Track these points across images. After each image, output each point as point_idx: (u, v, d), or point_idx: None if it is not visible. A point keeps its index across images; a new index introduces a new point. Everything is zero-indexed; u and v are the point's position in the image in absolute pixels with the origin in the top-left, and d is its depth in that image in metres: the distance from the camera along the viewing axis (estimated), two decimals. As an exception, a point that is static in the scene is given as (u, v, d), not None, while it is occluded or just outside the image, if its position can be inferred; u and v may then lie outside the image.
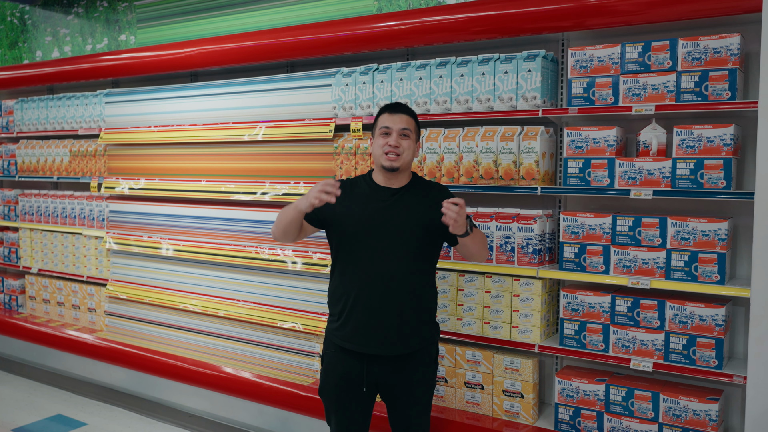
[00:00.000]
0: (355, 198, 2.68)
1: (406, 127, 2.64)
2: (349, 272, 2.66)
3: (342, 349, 2.68)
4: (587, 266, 2.97)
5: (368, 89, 3.50)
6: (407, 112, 2.68)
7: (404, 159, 2.63)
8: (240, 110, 4.05)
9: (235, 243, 4.06)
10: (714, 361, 2.73)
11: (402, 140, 2.62)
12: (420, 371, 2.71)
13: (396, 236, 2.60)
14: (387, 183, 2.69)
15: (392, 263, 2.60)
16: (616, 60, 2.89)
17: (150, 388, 4.40)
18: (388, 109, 2.67)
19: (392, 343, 2.62)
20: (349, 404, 2.71)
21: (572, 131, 2.99)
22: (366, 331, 2.62)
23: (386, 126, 2.63)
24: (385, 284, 2.60)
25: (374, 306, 2.61)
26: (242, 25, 4.34)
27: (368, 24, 3.52)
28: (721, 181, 2.69)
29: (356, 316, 2.63)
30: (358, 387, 2.67)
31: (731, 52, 2.67)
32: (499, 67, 3.14)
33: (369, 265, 2.61)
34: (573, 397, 3.03)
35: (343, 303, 2.67)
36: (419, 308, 2.68)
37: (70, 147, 4.95)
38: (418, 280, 2.66)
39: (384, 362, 2.65)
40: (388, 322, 2.61)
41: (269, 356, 3.95)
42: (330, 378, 2.73)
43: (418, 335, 2.68)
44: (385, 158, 2.61)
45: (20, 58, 5.74)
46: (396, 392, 2.70)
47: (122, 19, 5.01)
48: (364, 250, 2.61)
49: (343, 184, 2.71)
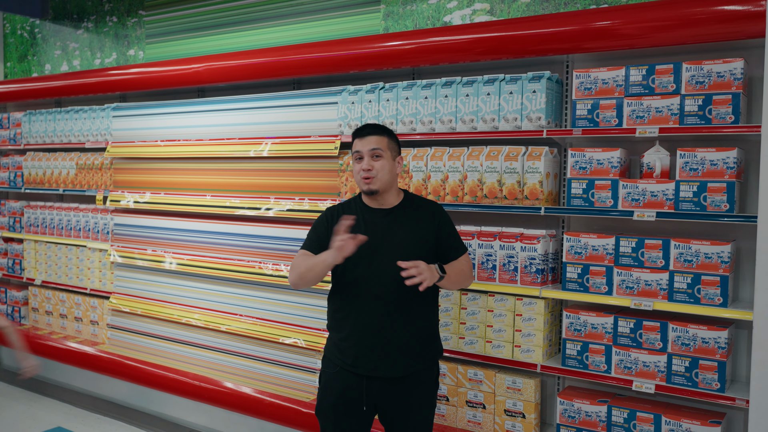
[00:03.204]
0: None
1: (375, 147, 2.62)
2: (348, 295, 2.65)
3: (341, 369, 2.67)
4: (590, 287, 2.98)
5: (374, 107, 3.53)
6: (376, 132, 2.66)
7: (381, 179, 2.62)
8: (246, 126, 4.08)
9: (239, 258, 4.07)
10: (716, 383, 2.72)
11: (374, 162, 2.61)
12: (421, 393, 2.69)
13: (389, 257, 2.56)
14: (377, 204, 2.70)
15: (386, 284, 2.59)
16: (620, 82, 2.92)
17: (151, 401, 4.39)
18: (357, 134, 2.68)
19: (393, 365, 2.62)
20: (347, 424, 2.69)
21: (576, 152, 3.01)
22: (366, 352, 2.61)
23: (357, 150, 2.65)
24: (383, 306, 2.59)
25: (374, 328, 2.60)
26: (249, 42, 4.39)
27: (375, 43, 3.56)
28: (724, 204, 2.70)
29: (356, 338, 2.63)
30: (356, 406, 2.65)
31: (735, 76, 2.69)
32: (505, 87, 3.16)
33: (365, 287, 2.61)
34: (575, 417, 3.02)
35: (343, 325, 2.67)
36: (419, 329, 2.67)
37: (77, 160, 4.98)
38: (416, 301, 2.63)
39: (384, 383, 2.63)
40: (388, 343, 2.60)
41: (270, 372, 3.95)
42: (327, 397, 2.71)
43: (420, 356, 2.67)
44: (362, 182, 2.64)
45: (29, 72, 5.79)
46: (396, 415, 2.68)
47: (131, 34, 5.06)
48: (360, 272, 2.61)
49: (336, 209, 2.75)
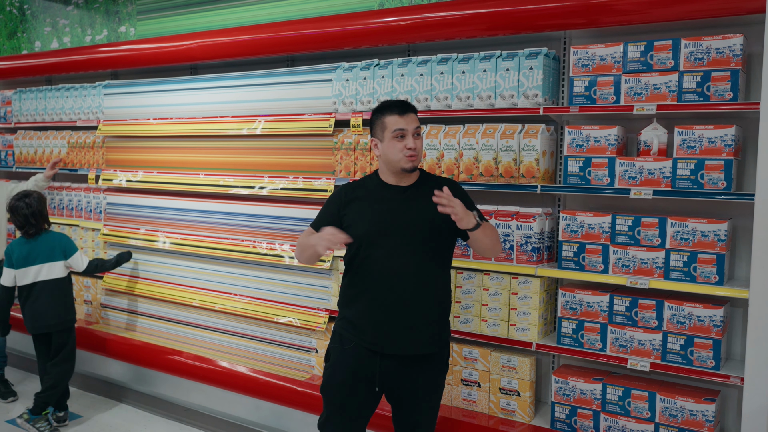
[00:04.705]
0: (364, 199, 2.66)
1: (418, 126, 2.63)
2: (362, 272, 2.63)
3: (356, 345, 2.64)
4: (586, 265, 2.97)
5: (369, 85, 3.49)
6: (414, 110, 2.66)
7: (420, 158, 2.65)
8: (239, 104, 4.03)
9: (233, 237, 4.05)
10: (711, 361, 2.72)
11: (416, 140, 2.60)
12: (434, 376, 2.69)
13: (408, 234, 2.57)
14: (397, 182, 2.67)
15: (406, 261, 2.57)
16: (618, 59, 2.88)
17: (146, 381, 4.39)
18: (396, 110, 2.60)
19: (409, 343, 2.59)
20: (356, 402, 2.68)
21: (573, 130, 2.99)
22: (381, 330, 2.59)
23: (400, 128, 2.58)
24: (399, 282, 2.57)
25: (389, 305, 2.58)
26: (243, 19, 4.32)
27: (369, 19, 3.51)
28: (721, 181, 2.69)
29: (370, 315, 2.61)
30: (367, 385, 2.64)
31: (734, 52, 2.66)
32: (501, 64, 3.13)
33: (383, 264, 2.58)
34: (570, 395, 3.03)
35: (359, 301, 2.64)
36: (434, 307, 2.66)
37: (68, 138, 4.93)
38: (433, 278, 2.63)
39: (399, 362, 2.61)
40: (404, 321, 2.58)
41: (265, 351, 3.95)
42: (337, 374, 2.68)
43: (435, 336, 2.65)
44: (406, 161, 2.58)
45: (19, 49, 5.71)
46: (406, 395, 2.67)
47: (122, 10, 4.98)
48: (378, 249, 2.59)
49: (350, 187, 2.72)
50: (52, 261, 3.98)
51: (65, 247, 4.05)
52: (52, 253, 3.99)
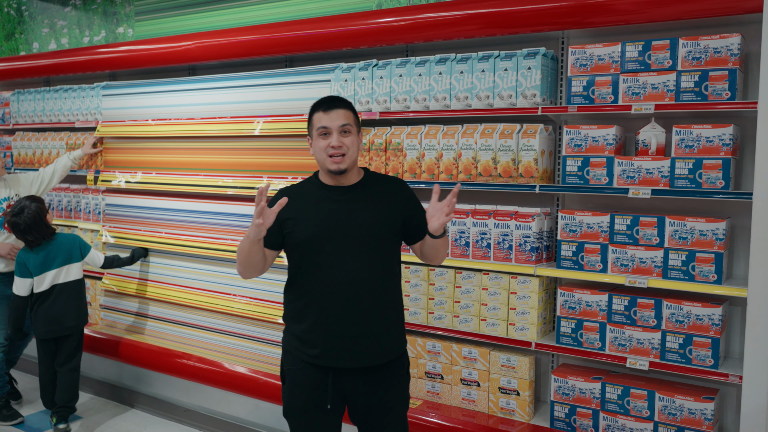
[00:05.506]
0: (304, 202, 2.45)
1: (345, 123, 2.39)
2: (309, 282, 2.42)
3: (307, 364, 2.44)
4: (585, 264, 2.98)
5: (367, 85, 3.50)
6: (343, 106, 2.43)
7: (350, 158, 2.40)
8: (238, 105, 4.03)
9: (232, 238, 4.05)
10: (710, 360, 2.73)
11: (344, 138, 2.38)
12: (396, 385, 2.50)
13: (356, 237, 2.38)
14: (337, 182, 2.46)
15: (354, 266, 2.37)
16: (616, 59, 2.89)
17: (145, 382, 4.39)
18: (321, 107, 2.42)
19: (364, 353, 2.39)
20: (321, 424, 2.49)
21: (571, 129, 2.99)
22: (334, 343, 2.38)
23: (323, 126, 2.39)
24: (349, 290, 2.37)
25: (340, 314, 2.37)
26: (241, 19, 4.33)
27: (368, 19, 3.51)
28: (719, 181, 2.69)
29: (322, 327, 2.39)
30: (328, 404, 2.44)
31: (731, 52, 2.67)
32: (499, 64, 3.13)
33: (330, 271, 2.38)
34: (569, 394, 3.03)
35: (305, 314, 2.43)
36: (391, 312, 2.48)
37: (67, 140, 4.93)
38: (386, 282, 2.46)
39: (356, 376, 2.42)
40: (360, 330, 2.38)
41: (265, 351, 3.95)
42: (295, 398, 2.48)
43: (391, 343, 2.47)
44: (330, 161, 2.38)
45: (17, 50, 5.71)
46: (369, 412, 2.48)
47: (120, 11, 4.98)
48: (324, 255, 2.38)
49: (287, 191, 2.50)
50: (70, 263, 3.99)
51: (81, 246, 4.08)
52: (71, 254, 4.00)
